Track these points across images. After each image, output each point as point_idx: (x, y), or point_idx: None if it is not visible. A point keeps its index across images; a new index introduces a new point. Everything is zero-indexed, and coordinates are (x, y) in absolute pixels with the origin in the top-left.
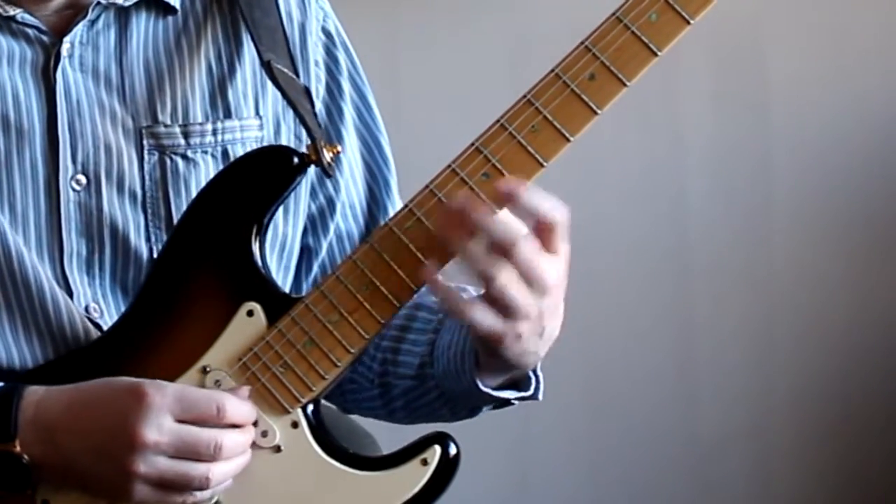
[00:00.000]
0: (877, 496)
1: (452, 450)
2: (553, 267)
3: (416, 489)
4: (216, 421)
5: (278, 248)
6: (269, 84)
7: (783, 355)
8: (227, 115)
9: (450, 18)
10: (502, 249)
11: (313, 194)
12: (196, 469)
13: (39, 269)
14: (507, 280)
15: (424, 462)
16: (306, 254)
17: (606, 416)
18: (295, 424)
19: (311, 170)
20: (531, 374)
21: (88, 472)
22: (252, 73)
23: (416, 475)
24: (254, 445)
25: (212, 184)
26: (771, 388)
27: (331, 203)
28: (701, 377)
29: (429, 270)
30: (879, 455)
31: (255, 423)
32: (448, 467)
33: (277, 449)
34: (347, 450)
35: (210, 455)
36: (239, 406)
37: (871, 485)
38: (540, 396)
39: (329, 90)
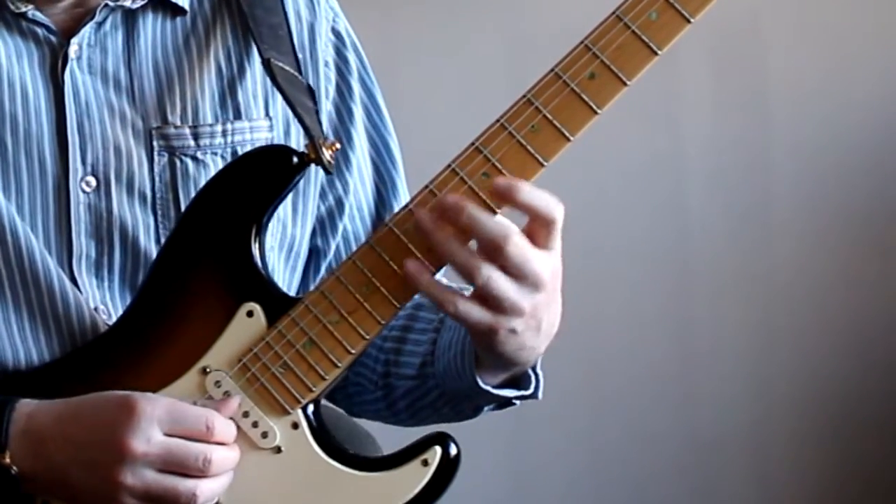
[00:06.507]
0: (875, 495)
1: (453, 450)
2: (545, 262)
3: (417, 490)
4: (205, 437)
5: (286, 250)
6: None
7: (782, 354)
8: (237, 116)
9: (448, 18)
10: (492, 246)
11: (322, 196)
12: (183, 484)
13: (52, 268)
14: (491, 275)
15: (425, 463)
16: (314, 255)
17: (605, 416)
18: (295, 425)
19: (321, 173)
20: (531, 372)
21: (77, 483)
22: (262, 74)
23: (417, 476)
24: (254, 446)
25: (211, 183)
26: (769, 387)
27: (340, 204)
28: (699, 376)
29: (412, 263)
30: (878, 454)
31: (255, 424)
32: (449, 468)
33: (277, 450)
34: (348, 450)
35: (199, 469)
36: (228, 423)
37: (869, 484)
38: (540, 395)
39: (339, 91)
